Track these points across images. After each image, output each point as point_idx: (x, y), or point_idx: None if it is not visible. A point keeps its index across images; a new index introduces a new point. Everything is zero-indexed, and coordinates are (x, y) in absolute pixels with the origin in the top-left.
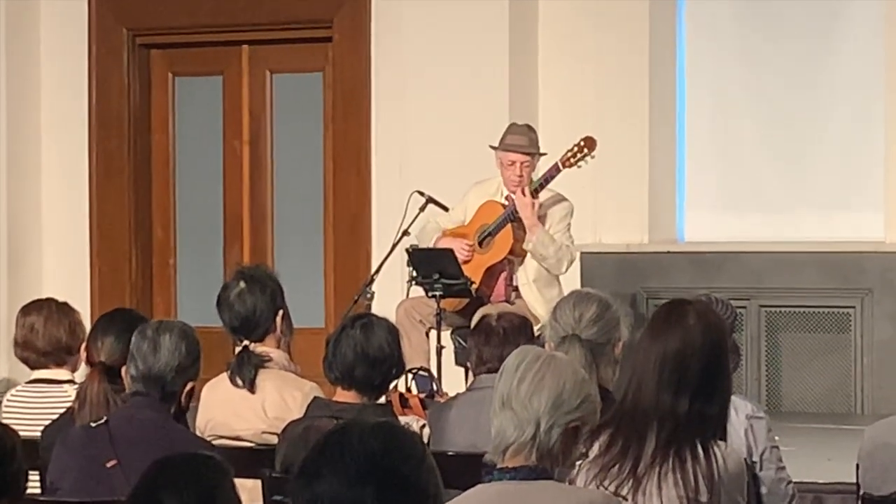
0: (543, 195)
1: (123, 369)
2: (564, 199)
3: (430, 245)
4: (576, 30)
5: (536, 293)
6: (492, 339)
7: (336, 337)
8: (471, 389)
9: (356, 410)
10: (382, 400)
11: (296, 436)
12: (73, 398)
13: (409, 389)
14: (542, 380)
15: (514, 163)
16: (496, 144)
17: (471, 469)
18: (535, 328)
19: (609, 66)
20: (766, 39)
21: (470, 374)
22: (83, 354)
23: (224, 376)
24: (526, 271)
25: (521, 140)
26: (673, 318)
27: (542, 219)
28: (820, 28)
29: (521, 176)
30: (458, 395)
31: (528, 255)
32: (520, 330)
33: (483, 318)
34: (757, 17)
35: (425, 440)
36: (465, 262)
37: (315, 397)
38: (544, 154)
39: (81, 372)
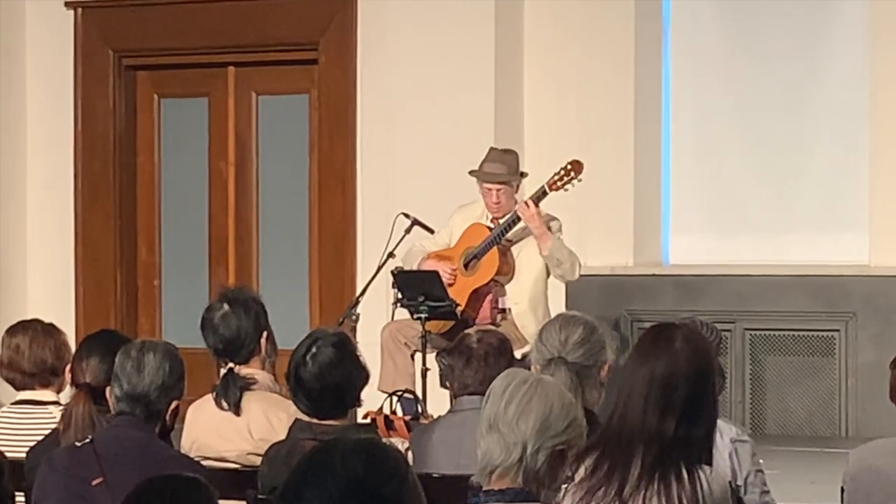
0: None
1: (108, 390)
2: (554, 218)
3: (415, 267)
4: (561, 53)
5: (530, 314)
6: (472, 361)
7: (295, 376)
8: (452, 412)
9: (339, 431)
10: (363, 412)
11: (279, 458)
12: (57, 419)
13: (394, 412)
14: (530, 403)
15: (490, 190)
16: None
17: (455, 491)
18: (524, 349)
19: (594, 90)
20: (751, 63)
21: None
22: (68, 376)
23: (209, 397)
24: (520, 290)
25: (497, 168)
26: (660, 341)
27: None
28: (805, 52)
29: (498, 202)
30: (439, 417)
31: (516, 278)
32: (500, 351)
33: (462, 338)
34: (742, 41)
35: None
36: (450, 285)
37: (296, 419)
38: (525, 175)
39: (66, 393)
